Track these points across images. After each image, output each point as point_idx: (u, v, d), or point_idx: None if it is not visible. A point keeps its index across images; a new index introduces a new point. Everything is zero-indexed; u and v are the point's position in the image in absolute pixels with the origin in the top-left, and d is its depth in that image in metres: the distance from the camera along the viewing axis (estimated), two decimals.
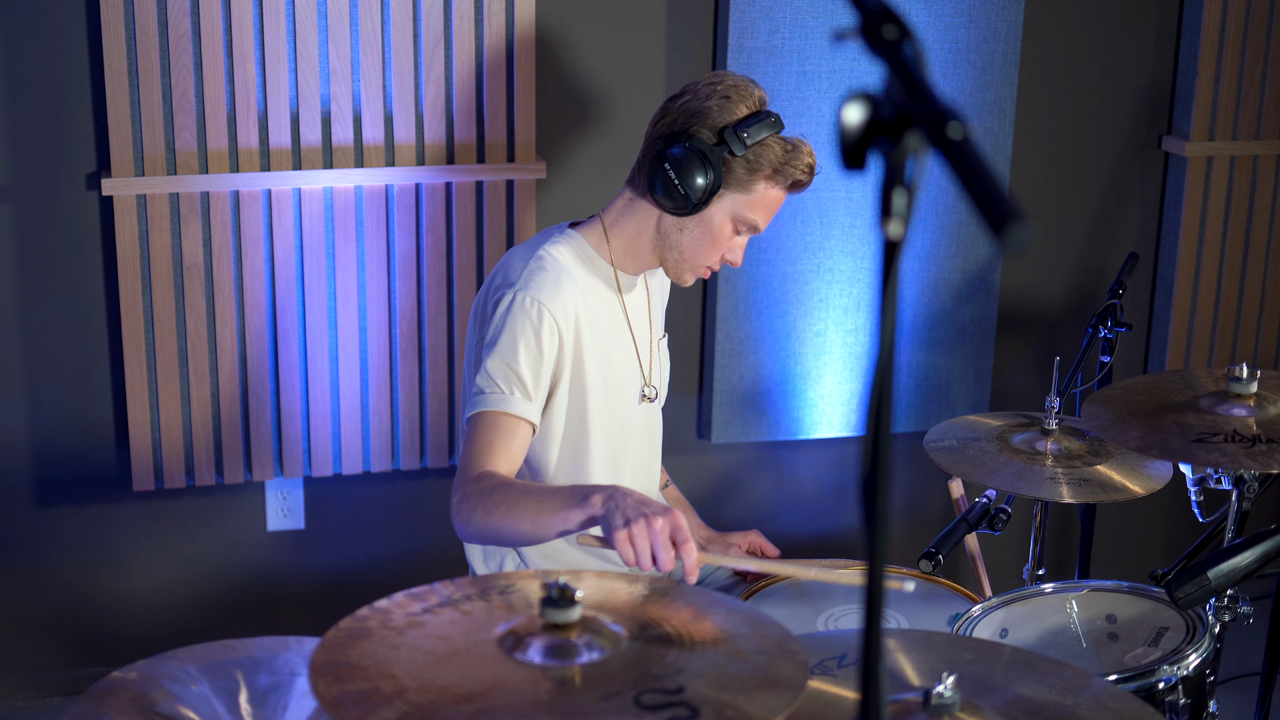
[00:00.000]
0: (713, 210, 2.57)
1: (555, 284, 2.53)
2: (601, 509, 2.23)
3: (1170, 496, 3.06)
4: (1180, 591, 2.23)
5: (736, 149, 2.52)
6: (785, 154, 2.55)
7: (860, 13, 1.17)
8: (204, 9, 3.27)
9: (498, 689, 1.53)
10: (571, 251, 2.61)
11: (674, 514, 2.18)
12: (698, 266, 2.64)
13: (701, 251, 2.61)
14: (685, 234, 2.60)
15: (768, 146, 2.54)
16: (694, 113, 2.54)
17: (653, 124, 2.59)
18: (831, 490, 4.02)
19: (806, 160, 2.57)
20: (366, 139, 3.43)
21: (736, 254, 2.65)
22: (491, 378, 2.48)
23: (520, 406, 2.48)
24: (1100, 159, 4.01)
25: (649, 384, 2.74)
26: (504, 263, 2.62)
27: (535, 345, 2.50)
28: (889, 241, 1.13)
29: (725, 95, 2.55)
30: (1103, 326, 3.34)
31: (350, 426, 3.57)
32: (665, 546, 2.15)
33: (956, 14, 3.69)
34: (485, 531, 2.41)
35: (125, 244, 3.36)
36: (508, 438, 2.47)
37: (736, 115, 2.53)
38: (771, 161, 2.55)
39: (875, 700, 1.23)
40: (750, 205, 2.57)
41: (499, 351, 2.49)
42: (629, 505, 2.20)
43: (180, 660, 1.85)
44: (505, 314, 2.51)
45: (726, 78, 2.57)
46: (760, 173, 2.55)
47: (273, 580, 3.74)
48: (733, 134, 2.52)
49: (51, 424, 3.52)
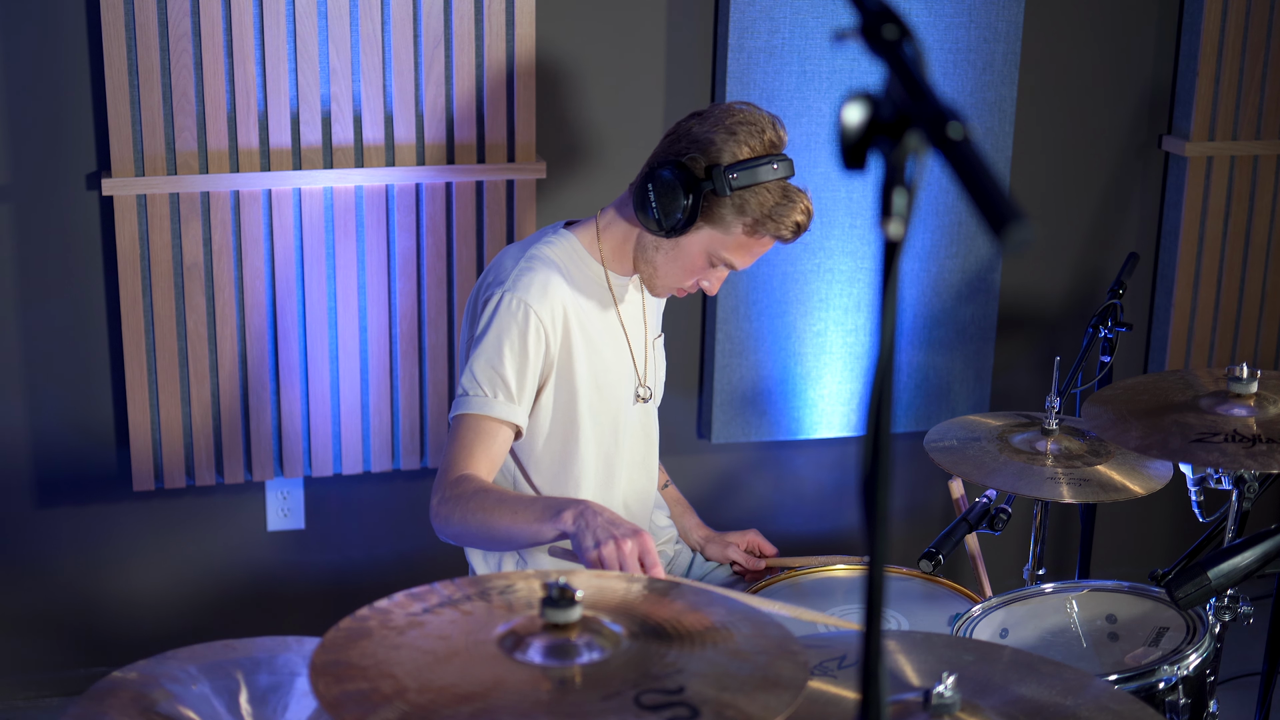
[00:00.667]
0: (690, 239, 2.53)
1: (544, 285, 2.53)
2: (572, 526, 2.25)
3: (1170, 496, 3.06)
4: (1180, 591, 2.23)
5: (721, 189, 2.45)
6: (774, 206, 2.48)
7: (860, 13, 1.17)
8: (204, 9, 3.27)
9: (498, 689, 1.53)
10: (563, 252, 2.61)
11: (643, 536, 2.19)
12: (669, 286, 2.62)
13: (673, 274, 2.59)
14: (660, 254, 2.58)
15: (757, 194, 2.47)
16: (696, 139, 2.49)
17: (664, 136, 2.57)
18: (831, 490, 4.02)
19: (795, 218, 2.49)
20: (367, 139, 3.43)
21: (712, 284, 2.61)
22: (476, 380, 2.50)
23: (502, 409, 2.49)
24: (1100, 159, 4.01)
25: (643, 384, 2.74)
26: (497, 260, 2.62)
27: (520, 347, 2.50)
28: (889, 241, 1.13)
29: (732, 130, 2.48)
30: (1103, 326, 3.34)
31: (350, 426, 3.57)
32: (634, 569, 2.17)
33: (956, 14, 3.69)
34: (462, 535, 2.44)
35: (125, 244, 3.36)
36: (488, 441, 2.49)
37: (736, 155, 2.46)
38: (756, 210, 2.48)
39: (875, 701, 1.23)
40: (727, 246, 2.53)
41: (485, 353, 2.50)
42: (599, 525, 2.21)
43: (180, 660, 1.85)
44: (492, 315, 2.51)
45: (744, 112, 2.51)
46: (743, 218, 2.48)
47: (273, 580, 3.74)
48: (721, 174, 2.45)
49: (51, 424, 3.52)
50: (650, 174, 2.51)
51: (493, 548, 2.55)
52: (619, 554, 2.18)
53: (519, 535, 2.33)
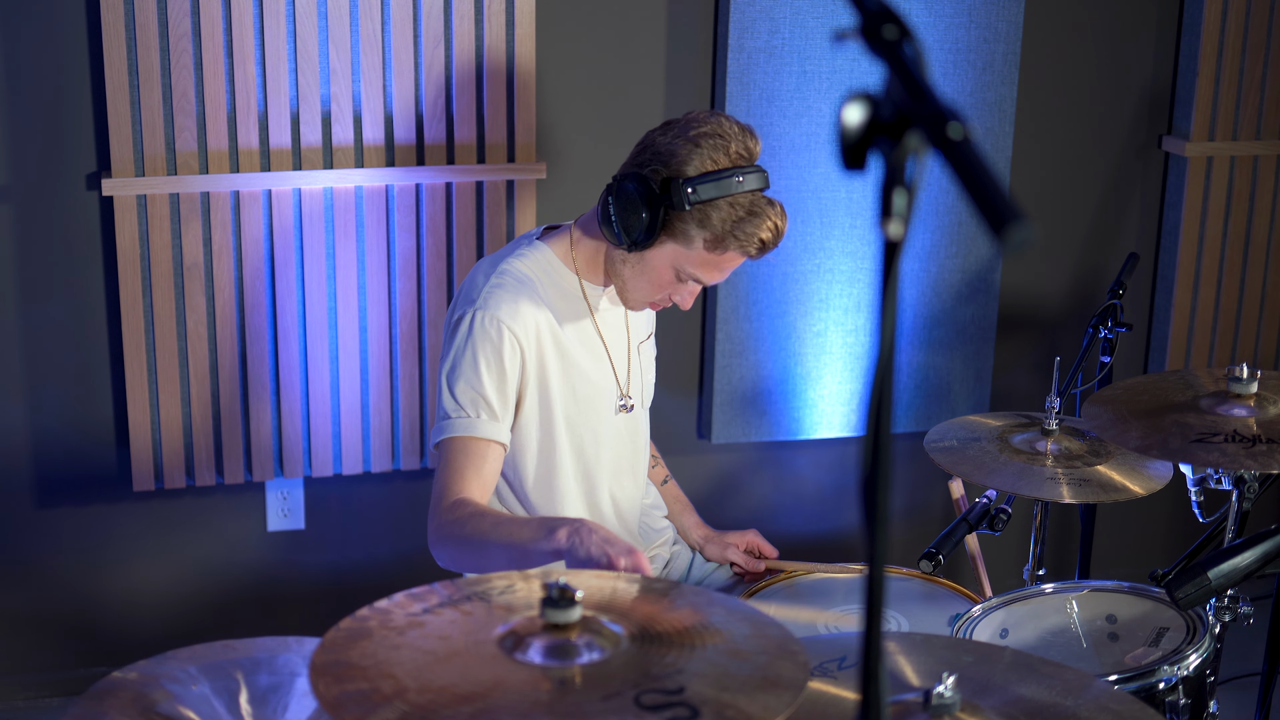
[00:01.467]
0: (654, 254, 2.47)
1: (514, 301, 2.50)
2: (566, 544, 2.24)
3: (1170, 496, 3.06)
4: (1180, 591, 2.23)
5: (679, 204, 2.38)
6: (736, 222, 2.39)
7: (860, 13, 1.17)
8: (204, 9, 3.27)
9: (498, 689, 1.53)
10: (536, 265, 2.57)
11: (637, 554, 2.17)
12: (640, 300, 2.57)
13: (640, 289, 2.54)
14: (627, 268, 2.53)
15: (719, 209, 2.39)
16: (658, 151, 2.42)
17: (635, 145, 2.51)
18: (831, 490, 4.02)
19: (760, 235, 2.41)
20: (367, 139, 3.43)
21: (684, 299, 2.55)
22: (457, 402, 2.47)
23: (487, 429, 2.47)
24: (1100, 159, 4.01)
25: (626, 395, 2.70)
26: (470, 276, 2.59)
27: (497, 364, 2.48)
28: (889, 241, 1.13)
29: (695, 142, 2.40)
30: (1103, 326, 3.34)
31: (350, 426, 3.57)
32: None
33: (956, 14, 3.69)
34: (460, 561, 2.43)
35: (125, 244, 3.36)
36: (478, 462, 2.47)
37: (700, 167, 2.39)
38: (719, 225, 2.40)
39: (875, 701, 1.23)
40: (691, 261, 2.46)
41: (463, 374, 2.48)
42: (593, 543, 2.20)
43: (180, 660, 1.85)
44: (467, 334, 2.49)
45: (710, 123, 2.42)
46: (704, 234, 2.41)
47: (273, 580, 3.74)
48: (679, 187, 2.37)
49: (51, 424, 3.52)
50: (614, 186, 2.45)
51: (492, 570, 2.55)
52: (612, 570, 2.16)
53: (516, 556, 2.30)
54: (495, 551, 2.33)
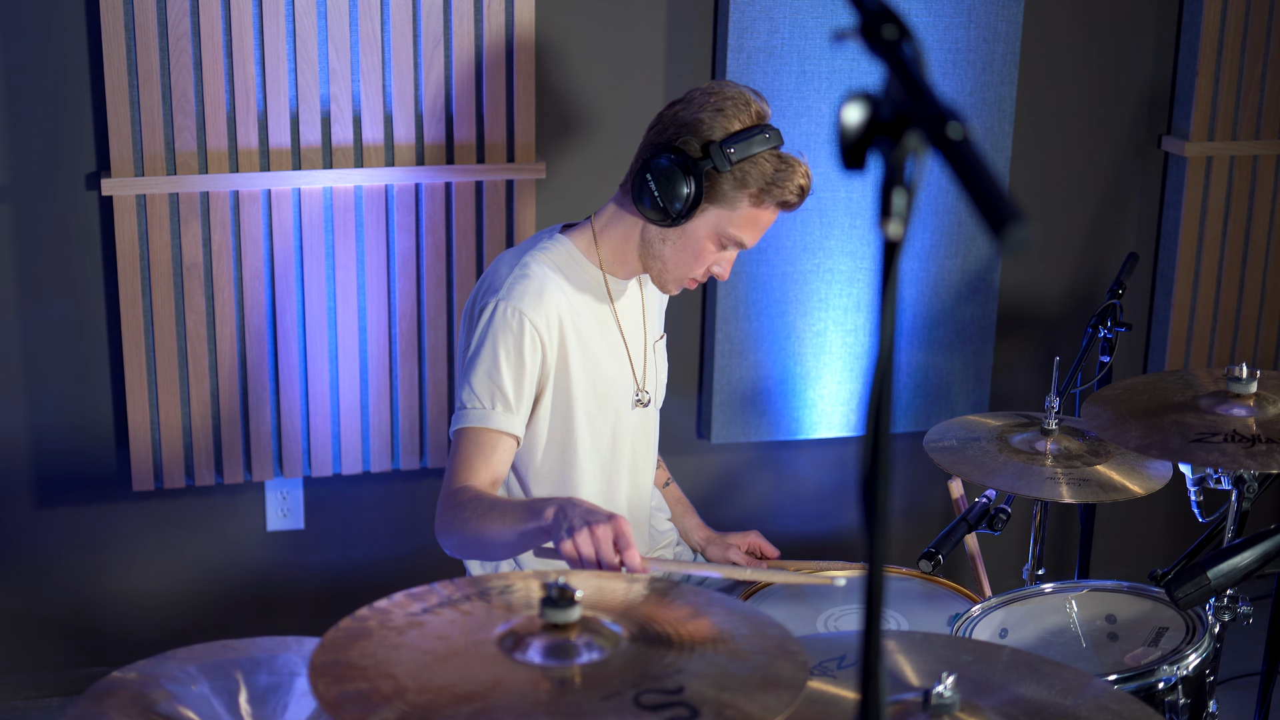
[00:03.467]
0: (696, 224, 2.53)
1: (538, 293, 2.52)
2: (551, 520, 2.25)
3: (1170, 496, 3.06)
4: (1180, 591, 2.23)
5: (721, 165, 2.46)
6: (775, 173, 2.48)
7: (860, 13, 1.17)
8: (204, 9, 3.27)
9: (498, 689, 1.53)
10: (559, 257, 2.60)
11: (619, 520, 2.18)
12: (681, 278, 2.60)
13: (683, 264, 2.58)
14: (667, 245, 2.57)
15: (756, 164, 2.47)
16: (685, 123, 2.49)
17: (648, 130, 2.56)
18: (831, 490, 4.02)
19: (798, 181, 2.50)
20: (366, 139, 3.43)
21: (724, 268, 2.60)
22: (474, 392, 2.50)
23: (501, 421, 2.49)
24: (1100, 159, 4.01)
25: (642, 389, 2.73)
26: (493, 267, 2.61)
27: (517, 356, 2.50)
28: (889, 241, 1.13)
29: (719, 108, 2.49)
30: (1103, 326, 3.34)
31: (350, 426, 3.57)
32: (608, 552, 2.16)
33: (956, 14, 3.69)
34: (462, 547, 2.45)
35: (125, 244, 3.36)
36: (488, 453, 2.49)
37: (728, 129, 2.47)
38: (758, 180, 2.48)
39: (875, 701, 1.23)
40: (734, 222, 2.52)
41: (482, 364, 2.50)
42: (575, 515, 2.21)
43: (180, 660, 1.85)
44: (488, 325, 2.51)
45: (724, 88, 2.52)
46: (746, 190, 2.49)
47: (273, 580, 3.74)
48: (718, 149, 2.46)
49: (51, 424, 3.52)
50: (645, 165, 2.50)
51: (492, 556, 2.56)
52: (592, 539, 2.16)
53: (510, 539, 2.32)
54: (490, 535, 2.34)
